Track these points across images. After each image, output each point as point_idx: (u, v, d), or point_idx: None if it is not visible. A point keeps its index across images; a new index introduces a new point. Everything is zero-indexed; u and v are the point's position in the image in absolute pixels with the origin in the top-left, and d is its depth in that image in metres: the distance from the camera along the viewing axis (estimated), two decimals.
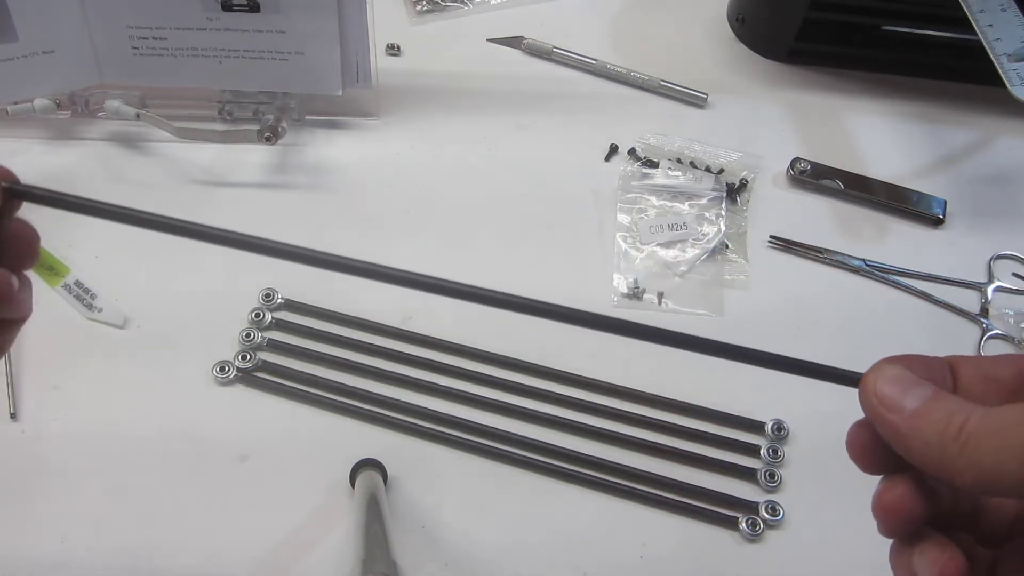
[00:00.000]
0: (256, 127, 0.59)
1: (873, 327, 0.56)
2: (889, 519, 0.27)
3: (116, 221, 0.28)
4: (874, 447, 0.27)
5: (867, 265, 0.58)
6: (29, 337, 0.51)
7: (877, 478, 0.26)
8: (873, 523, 0.27)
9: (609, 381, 0.51)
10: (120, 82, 0.60)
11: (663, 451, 0.49)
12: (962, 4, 0.59)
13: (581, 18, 0.74)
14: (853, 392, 0.26)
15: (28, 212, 0.56)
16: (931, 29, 0.69)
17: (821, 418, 0.50)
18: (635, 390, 0.51)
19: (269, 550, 0.44)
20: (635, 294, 0.56)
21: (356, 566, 0.40)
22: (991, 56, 0.57)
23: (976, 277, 0.58)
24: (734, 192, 0.61)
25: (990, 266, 0.59)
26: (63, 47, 0.57)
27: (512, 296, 0.28)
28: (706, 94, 0.67)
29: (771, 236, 0.59)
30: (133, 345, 0.51)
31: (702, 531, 0.47)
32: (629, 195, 0.61)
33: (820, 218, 0.61)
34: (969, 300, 0.57)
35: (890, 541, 0.28)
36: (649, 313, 0.55)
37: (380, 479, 0.46)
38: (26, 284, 0.30)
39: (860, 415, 0.26)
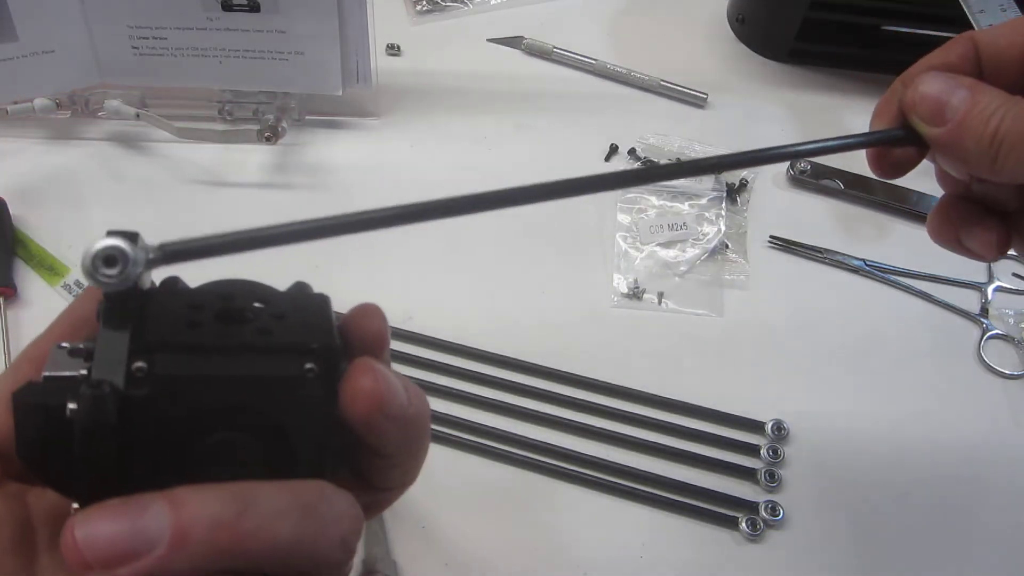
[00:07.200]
0: (256, 127, 0.59)
1: (873, 327, 0.56)
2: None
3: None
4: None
5: (867, 265, 0.58)
6: (29, 338, 0.51)
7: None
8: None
9: (609, 381, 0.51)
10: (120, 82, 0.60)
11: (663, 451, 0.49)
12: (962, 4, 0.59)
13: (581, 18, 0.74)
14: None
15: (33, 208, 0.54)
16: (931, 29, 0.69)
17: (821, 418, 0.49)
18: (635, 390, 0.51)
19: None
20: (635, 294, 0.56)
21: (356, 566, 0.40)
22: None
23: (976, 277, 0.58)
24: (734, 192, 0.61)
25: (990, 266, 0.59)
26: (63, 47, 0.57)
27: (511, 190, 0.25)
28: (706, 94, 0.67)
29: (771, 236, 0.59)
30: None
31: (702, 531, 0.47)
32: (629, 195, 0.61)
33: (820, 218, 0.61)
34: (969, 300, 0.57)
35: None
36: (649, 313, 0.55)
37: None
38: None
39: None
